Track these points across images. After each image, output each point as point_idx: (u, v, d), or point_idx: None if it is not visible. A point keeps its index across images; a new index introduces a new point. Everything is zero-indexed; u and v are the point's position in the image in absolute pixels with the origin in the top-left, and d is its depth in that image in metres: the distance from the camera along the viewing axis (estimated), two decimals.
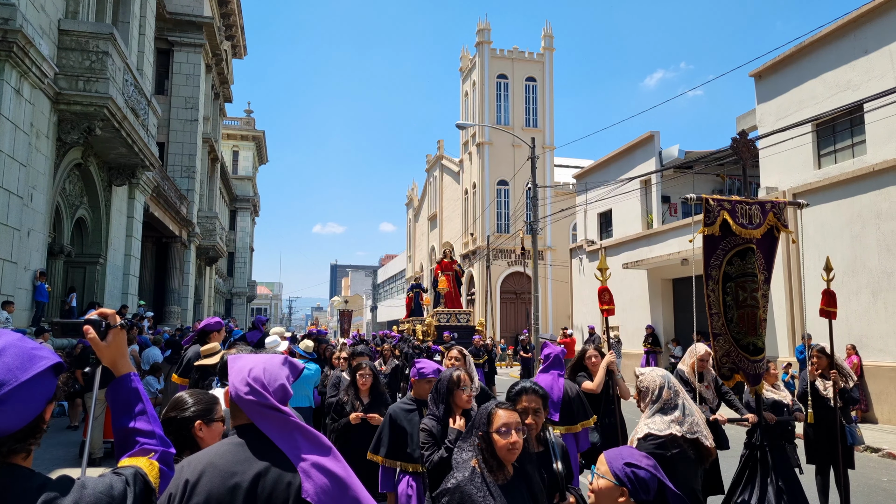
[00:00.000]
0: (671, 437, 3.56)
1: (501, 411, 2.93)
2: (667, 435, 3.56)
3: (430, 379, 4.66)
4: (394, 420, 4.70)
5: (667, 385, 3.74)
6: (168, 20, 27.62)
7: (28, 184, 13.12)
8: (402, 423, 4.66)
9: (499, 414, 2.92)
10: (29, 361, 1.51)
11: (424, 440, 4.04)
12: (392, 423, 4.70)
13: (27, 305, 13.59)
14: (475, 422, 2.99)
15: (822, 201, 15.46)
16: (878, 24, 14.61)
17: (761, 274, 5.30)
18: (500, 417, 2.90)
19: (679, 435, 3.56)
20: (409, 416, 4.68)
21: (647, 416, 3.73)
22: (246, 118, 55.78)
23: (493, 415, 2.93)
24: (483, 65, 42.69)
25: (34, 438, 1.52)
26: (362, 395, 6.09)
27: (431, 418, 4.11)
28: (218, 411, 2.70)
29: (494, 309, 38.90)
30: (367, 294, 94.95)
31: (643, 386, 3.81)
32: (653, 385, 3.76)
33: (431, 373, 4.68)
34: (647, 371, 3.88)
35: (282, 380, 2.09)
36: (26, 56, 12.39)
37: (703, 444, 3.61)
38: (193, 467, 1.94)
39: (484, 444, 2.89)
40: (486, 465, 2.86)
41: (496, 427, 2.88)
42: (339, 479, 1.96)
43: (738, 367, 5.18)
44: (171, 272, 27.69)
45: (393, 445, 4.64)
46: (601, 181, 24.89)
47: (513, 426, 2.88)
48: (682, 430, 3.58)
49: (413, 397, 4.82)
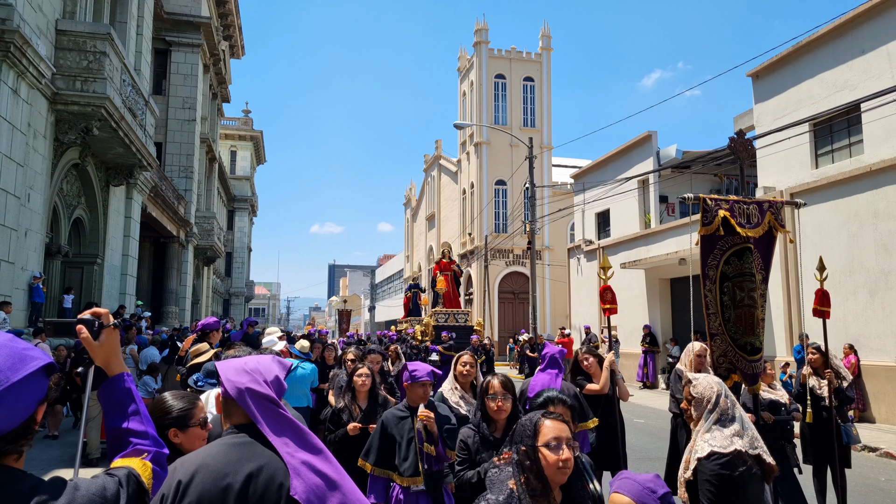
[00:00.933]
0: (736, 454, 3.16)
1: (550, 422, 2.53)
2: (732, 452, 3.16)
3: (423, 382, 4.43)
4: (385, 427, 4.46)
5: (724, 393, 3.36)
6: (166, 20, 27.60)
7: (25, 184, 13.10)
8: (391, 431, 4.41)
9: (546, 425, 2.52)
10: (20, 362, 1.50)
11: (459, 452, 3.80)
12: (383, 430, 4.45)
13: (24, 306, 13.57)
14: (516, 433, 2.60)
15: (820, 201, 15.47)
16: (875, 24, 14.63)
17: (759, 274, 5.29)
18: (548, 429, 2.50)
19: (744, 451, 3.18)
20: (399, 424, 4.42)
21: (703, 430, 3.31)
22: (244, 118, 55.74)
23: (539, 425, 2.53)
24: (481, 65, 42.69)
25: (26, 440, 1.51)
26: (360, 400, 5.59)
27: (470, 428, 3.85)
28: (195, 415, 2.68)
29: (492, 309, 38.90)
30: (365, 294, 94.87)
31: (697, 394, 3.39)
32: (709, 393, 3.35)
33: (425, 376, 4.44)
34: (702, 377, 3.47)
35: (276, 372, 2.10)
36: (23, 56, 12.37)
37: (766, 461, 3.24)
38: (186, 468, 1.94)
39: (528, 460, 2.48)
40: (528, 487, 2.45)
41: (545, 440, 2.47)
42: (329, 479, 1.95)
43: (736, 366, 5.17)
44: (169, 272, 27.67)
45: (382, 454, 4.40)
46: (599, 181, 24.90)
47: (564, 440, 2.47)
48: (745, 446, 3.20)
49: (406, 404, 4.52)
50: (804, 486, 6.04)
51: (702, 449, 3.23)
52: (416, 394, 4.44)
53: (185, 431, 2.63)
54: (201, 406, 2.73)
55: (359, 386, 5.50)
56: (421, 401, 4.38)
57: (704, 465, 3.17)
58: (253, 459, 1.95)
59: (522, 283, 40.16)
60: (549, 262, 40.39)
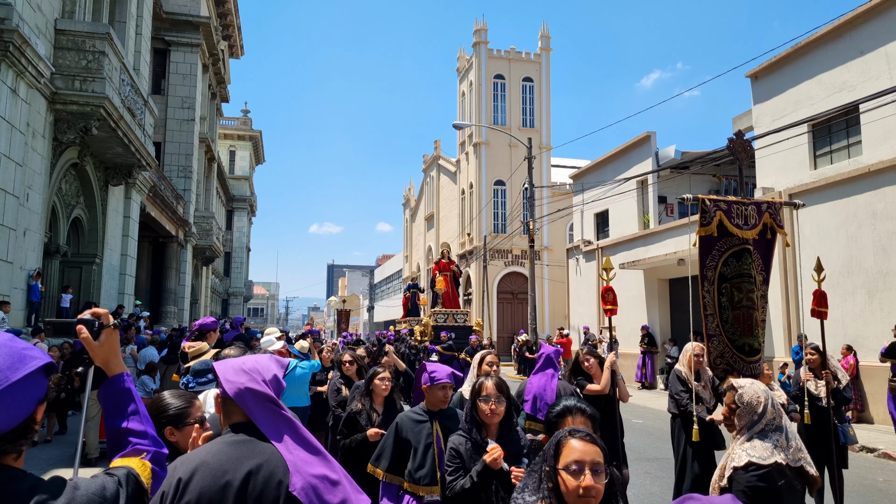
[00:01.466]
0: (776, 467, 3.03)
1: (576, 441, 2.21)
2: (771, 464, 3.03)
3: (444, 385, 4.12)
4: (399, 430, 4.12)
5: (770, 402, 3.19)
6: (165, 20, 27.58)
7: (24, 183, 13.09)
8: (406, 436, 4.07)
9: (571, 445, 2.20)
10: (19, 362, 1.50)
11: (449, 461, 3.52)
12: (397, 433, 4.12)
13: (23, 305, 13.56)
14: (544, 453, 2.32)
15: (818, 202, 15.48)
16: (873, 26, 14.65)
17: (759, 275, 5.30)
18: (570, 450, 2.19)
19: (784, 464, 3.04)
20: (416, 429, 4.08)
21: (744, 438, 3.18)
22: (243, 118, 55.71)
23: (562, 445, 2.23)
24: (480, 65, 42.68)
25: (25, 439, 1.52)
26: (377, 405, 5.19)
27: (461, 435, 3.59)
28: (191, 414, 2.68)
29: (491, 309, 38.89)
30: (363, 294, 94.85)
31: (744, 402, 3.22)
32: (756, 401, 3.19)
33: (445, 377, 4.12)
34: (748, 384, 3.30)
35: (275, 371, 2.11)
36: (22, 56, 12.36)
37: (809, 472, 3.10)
38: (186, 466, 1.94)
39: (550, 483, 2.21)
40: None
41: (565, 463, 2.17)
42: (328, 478, 1.96)
43: (733, 367, 5.18)
44: (168, 272, 27.66)
45: (396, 459, 4.08)
46: (598, 181, 24.92)
47: (589, 464, 2.15)
48: (787, 458, 3.06)
49: (425, 407, 4.20)
50: None
51: (739, 458, 3.12)
52: (435, 397, 4.16)
53: (182, 430, 2.64)
54: (198, 405, 2.74)
55: (380, 390, 5.17)
56: (441, 404, 4.13)
57: (740, 476, 3.07)
58: (252, 457, 1.96)
59: (521, 283, 40.14)
60: (548, 262, 40.39)
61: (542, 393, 5.39)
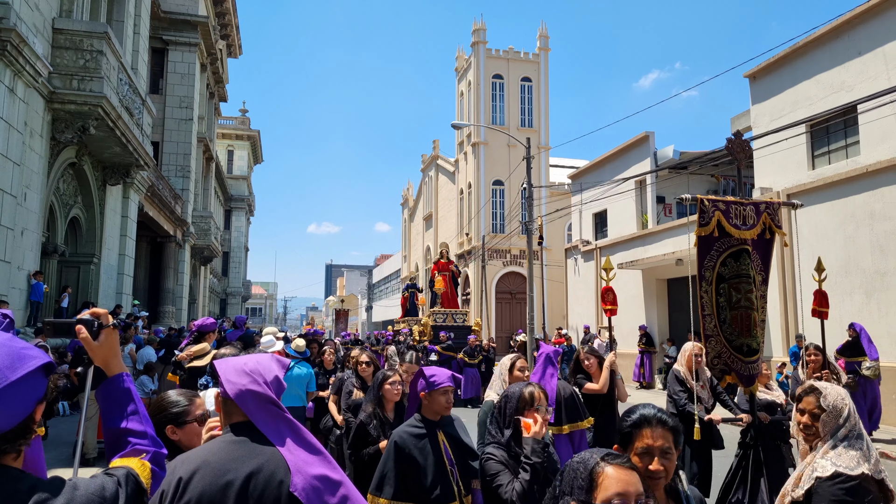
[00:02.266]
0: (864, 478, 2.78)
1: (613, 470, 1.80)
2: (859, 475, 2.78)
3: (446, 389, 3.79)
4: (401, 449, 3.66)
5: (852, 406, 2.96)
6: (163, 19, 27.56)
7: (22, 183, 13.08)
8: (411, 453, 3.64)
9: (608, 475, 1.79)
10: (18, 361, 1.50)
11: (495, 469, 3.12)
12: (398, 453, 3.66)
13: (22, 305, 13.54)
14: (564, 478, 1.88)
15: (816, 202, 15.50)
16: (871, 26, 14.66)
17: (759, 275, 5.30)
18: (611, 481, 1.78)
19: (869, 475, 2.81)
20: (419, 444, 3.68)
21: (827, 446, 2.91)
22: (241, 118, 55.68)
23: (597, 474, 1.81)
24: (478, 65, 42.67)
25: (24, 439, 1.52)
26: (388, 412, 4.84)
27: (497, 447, 3.23)
28: (192, 412, 2.69)
29: (490, 309, 38.89)
30: (362, 294, 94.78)
31: (829, 406, 2.96)
32: (841, 404, 2.95)
33: (446, 381, 3.80)
34: (829, 387, 3.04)
35: (276, 372, 2.12)
36: (20, 55, 12.35)
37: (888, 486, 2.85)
38: (187, 465, 1.95)
39: None
40: None
41: (606, 497, 1.76)
42: (330, 478, 1.96)
43: (731, 368, 5.18)
44: (166, 272, 27.64)
45: (402, 483, 3.61)
46: (596, 181, 24.92)
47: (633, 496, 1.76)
48: (871, 469, 2.82)
49: (422, 417, 3.82)
50: None
51: (824, 468, 2.85)
52: (437, 404, 3.78)
53: (183, 428, 2.64)
54: (199, 402, 2.74)
55: (391, 395, 4.83)
56: (444, 411, 3.80)
57: (825, 487, 2.81)
58: (254, 457, 1.96)
59: (520, 283, 40.14)
60: (547, 262, 40.42)
61: None
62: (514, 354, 5.20)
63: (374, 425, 4.73)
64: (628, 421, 2.34)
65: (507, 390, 3.37)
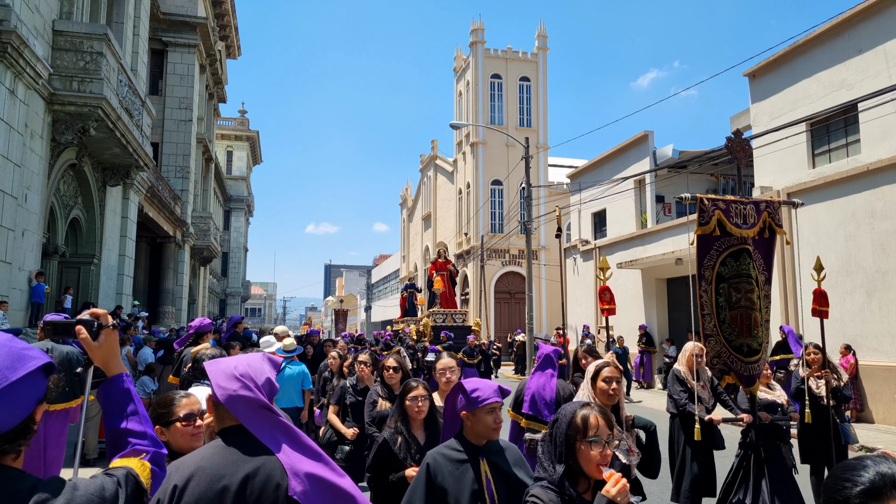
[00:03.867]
0: None
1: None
2: None
3: (492, 406, 3.07)
4: (433, 475, 3.02)
5: None
6: (162, 20, 27.57)
7: (22, 184, 13.08)
8: (444, 482, 2.99)
9: None
10: (19, 361, 1.50)
11: None
12: (429, 480, 3.01)
13: (23, 306, 13.54)
14: None
15: (817, 201, 15.49)
16: (871, 24, 14.65)
17: (761, 275, 5.29)
18: None
19: None
20: (457, 471, 3.01)
21: None
22: (240, 118, 55.70)
23: None
24: (477, 65, 42.68)
25: (24, 439, 1.51)
26: (415, 430, 4.13)
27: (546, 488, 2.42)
28: (175, 413, 2.68)
29: (488, 309, 38.90)
30: (361, 294, 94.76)
31: None
32: None
33: (492, 396, 3.06)
34: None
35: (267, 373, 2.09)
36: (20, 57, 12.34)
37: None
38: (182, 472, 1.93)
39: None
40: None
41: None
42: (327, 481, 1.94)
43: (730, 368, 5.17)
44: (166, 272, 27.64)
45: None
46: (595, 181, 24.92)
47: None
48: None
49: (464, 438, 3.12)
50: (802, 485, 6.04)
51: None
52: (482, 424, 3.05)
53: (168, 428, 2.65)
54: (185, 402, 2.73)
55: (414, 412, 4.11)
56: (491, 434, 3.08)
57: None
58: (249, 461, 1.94)
59: (519, 283, 40.15)
60: (546, 262, 40.40)
61: (542, 392, 5.39)
62: (601, 361, 4.29)
63: (401, 445, 4.01)
64: (857, 490, 1.45)
65: (560, 411, 2.57)
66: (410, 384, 4.17)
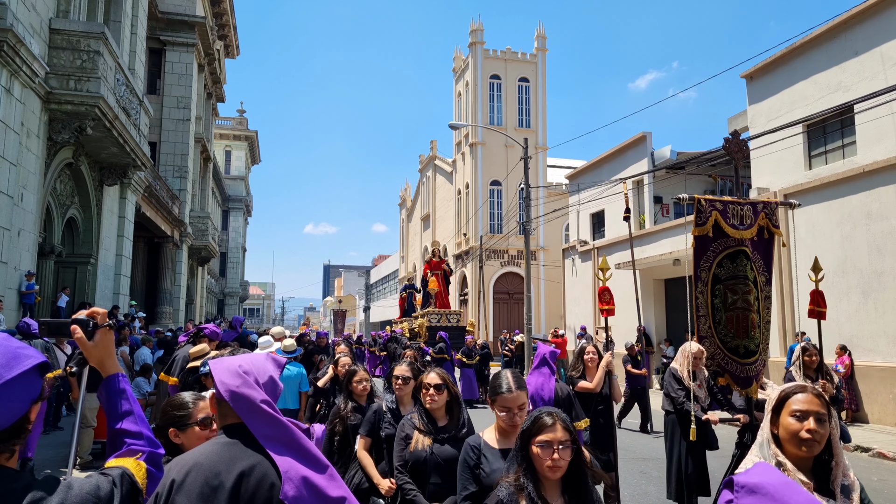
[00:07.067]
0: None
1: None
2: None
3: None
4: None
5: None
6: (160, 19, 27.53)
7: (18, 183, 13.06)
8: None
9: None
10: (14, 360, 1.50)
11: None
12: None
13: (16, 306, 13.52)
14: None
15: (813, 202, 15.52)
16: (868, 26, 14.68)
17: (761, 276, 5.28)
18: None
19: None
20: None
21: None
22: (238, 118, 55.65)
23: None
24: (476, 65, 42.71)
25: (19, 439, 1.51)
26: (548, 491, 2.90)
27: None
28: (193, 416, 2.68)
29: (487, 309, 38.90)
30: (359, 294, 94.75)
31: None
32: None
33: None
34: None
35: (270, 372, 2.10)
36: (17, 55, 12.33)
37: None
38: (180, 468, 1.95)
39: None
40: None
41: None
42: (321, 484, 1.94)
43: (725, 369, 5.16)
44: (163, 272, 27.59)
45: None
46: (593, 182, 24.93)
47: None
48: None
49: None
50: None
51: None
52: None
53: (185, 431, 2.64)
54: (203, 406, 2.73)
55: (547, 469, 2.90)
56: None
57: None
58: (245, 459, 1.96)
59: (517, 283, 40.17)
60: (544, 262, 40.43)
61: (540, 391, 5.40)
62: (790, 385, 3.33)
63: None
64: None
65: None
66: (544, 420, 2.50)
